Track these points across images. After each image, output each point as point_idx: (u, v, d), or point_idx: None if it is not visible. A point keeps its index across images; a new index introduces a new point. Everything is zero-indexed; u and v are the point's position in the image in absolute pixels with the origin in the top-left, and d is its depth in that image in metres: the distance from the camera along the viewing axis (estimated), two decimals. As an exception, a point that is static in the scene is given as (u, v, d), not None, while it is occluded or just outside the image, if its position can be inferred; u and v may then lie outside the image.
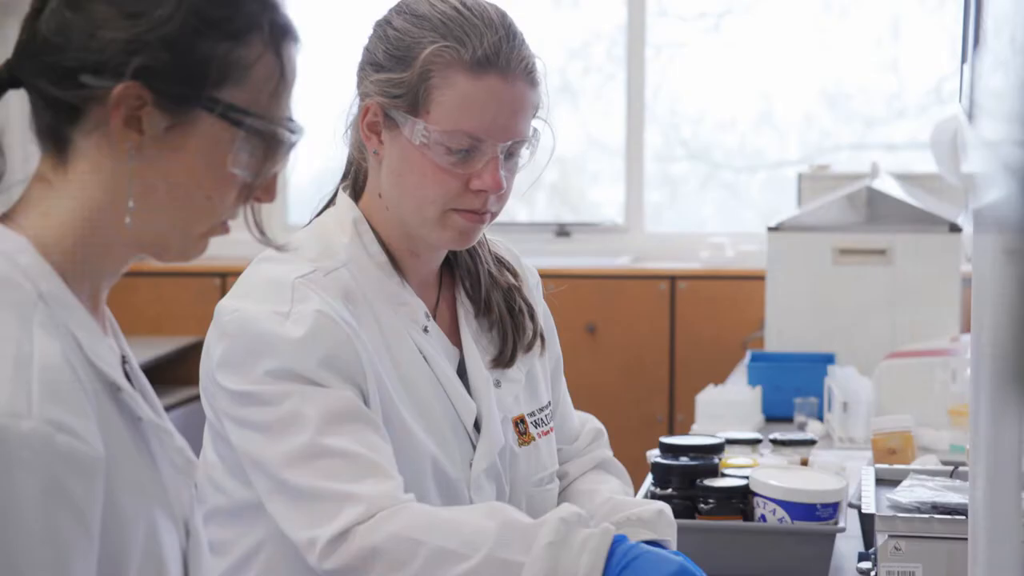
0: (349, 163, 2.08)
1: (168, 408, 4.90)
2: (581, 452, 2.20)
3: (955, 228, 4.07)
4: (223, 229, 1.41)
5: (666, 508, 2.02)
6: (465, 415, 2.01)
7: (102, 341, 1.38)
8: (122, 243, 1.38)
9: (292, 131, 1.40)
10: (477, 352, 2.05)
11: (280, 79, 1.39)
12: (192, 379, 5.22)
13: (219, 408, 1.93)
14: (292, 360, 1.88)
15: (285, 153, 1.40)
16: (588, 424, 2.26)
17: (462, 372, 2.04)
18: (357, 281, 1.97)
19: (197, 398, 5.58)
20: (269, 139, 1.38)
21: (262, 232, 1.43)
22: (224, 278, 5.26)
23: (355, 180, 2.06)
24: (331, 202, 2.09)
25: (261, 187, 1.41)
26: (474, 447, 2.00)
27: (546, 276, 2.28)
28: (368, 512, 1.83)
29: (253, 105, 1.37)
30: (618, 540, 1.81)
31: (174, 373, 5.22)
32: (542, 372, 2.15)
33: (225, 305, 1.95)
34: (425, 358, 2.00)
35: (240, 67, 1.36)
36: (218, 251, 1.43)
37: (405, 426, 1.94)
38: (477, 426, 2.03)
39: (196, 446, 4.81)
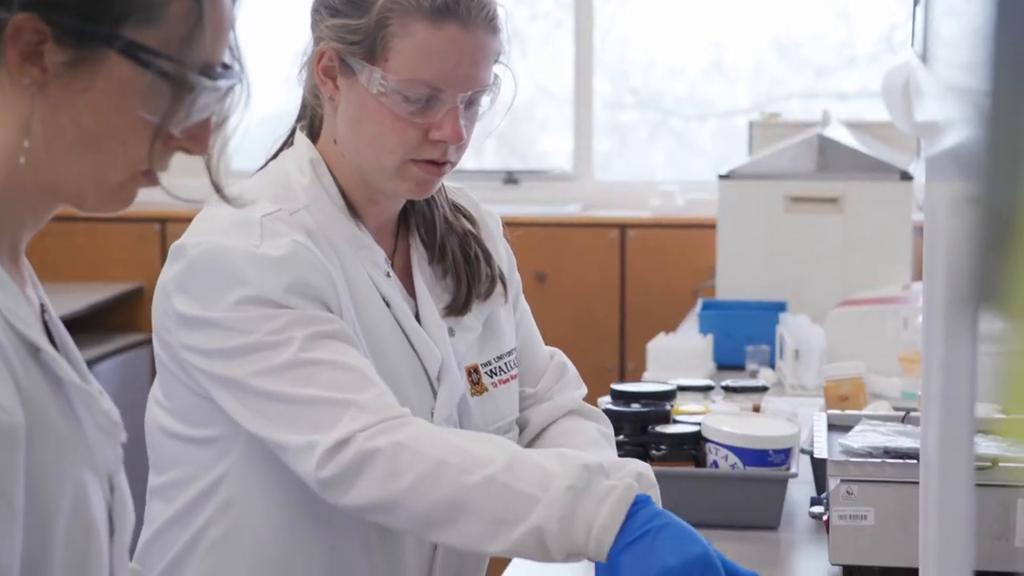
0: (304, 105, 2.03)
1: (108, 355, 4.88)
2: (544, 396, 2.14)
3: (906, 176, 4.06)
4: (149, 180, 1.35)
5: (647, 470, 1.97)
6: (429, 363, 1.97)
7: (21, 300, 1.33)
8: (37, 190, 1.32)
9: (212, 78, 1.32)
10: (431, 300, 2.01)
11: (197, 22, 1.32)
12: (132, 325, 5.18)
13: (182, 344, 1.87)
14: (267, 287, 1.83)
15: (208, 102, 1.33)
16: (554, 359, 2.21)
17: (416, 320, 2.00)
18: (318, 223, 1.93)
19: (137, 345, 5.51)
20: (180, 84, 1.31)
21: (218, 188, 1.37)
22: (164, 224, 5.19)
23: (311, 123, 2.01)
24: (287, 143, 2.04)
25: (187, 136, 1.34)
26: (435, 395, 1.97)
27: (494, 224, 2.24)
28: (372, 421, 1.77)
29: (165, 46, 1.30)
30: (642, 501, 1.74)
31: (113, 320, 5.16)
32: (506, 318, 2.11)
33: (187, 240, 1.89)
34: (387, 303, 1.96)
35: (149, 5, 1.29)
36: (158, 196, 1.37)
37: None
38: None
39: (138, 389, 4.76)
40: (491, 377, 2.05)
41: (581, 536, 1.71)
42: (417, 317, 2.00)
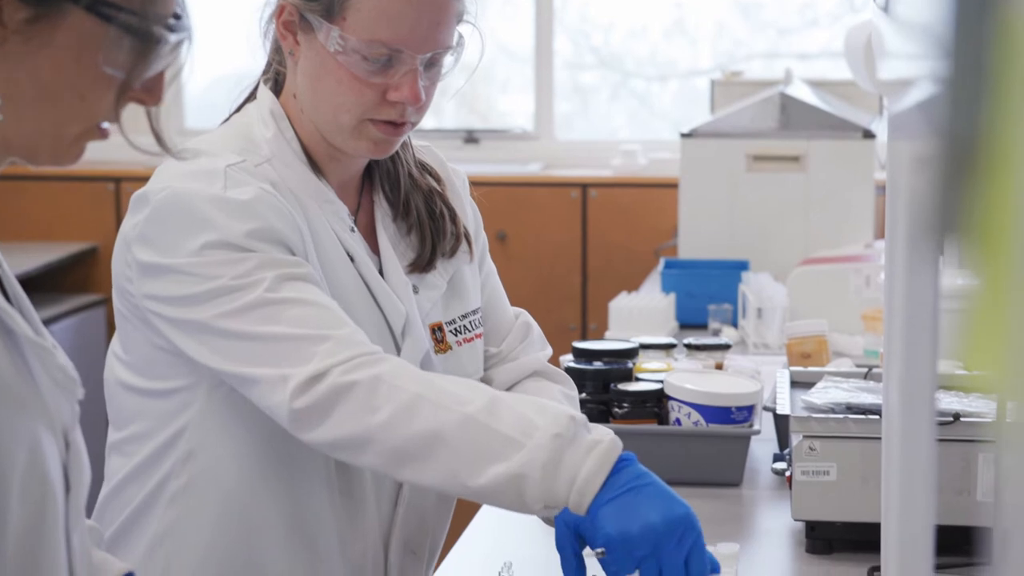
0: (268, 60, 2.01)
1: (62, 316, 4.84)
2: (509, 356, 2.13)
3: (868, 134, 4.05)
4: (100, 134, 1.33)
5: (616, 440, 1.95)
6: (394, 319, 1.95)
7: None
8: None
9: (173, 30, 1.31)
10: (395, 256, 1.99)
11: None
12: (86, 286, 5.14)
13: (144, 294, 1.84)
14: (233, 232, 1.81)
15: (165, 54, 1.31)
16: (519, 319, 2.19)
17: (380, 277, 1.98)
18: (282, 176, 1.90)
19: (91, 306, 5.48)
20: (144, 37, 1.29)
21: (159, 138, 1.35)
22: (119, 183, 5.13)
23: (275, 77, 1.99)
24: (251, 97, 2.01)
25: (144, 89, 1.32)
26: (398, 351, 1.95)
27: (456, 183, 2.22)
28: (349, 355, 1.75)
29: (127, 1, 1.29)
30: (627, 458, 1.73)
31: (67, 280, 5.12)
32: (471, 276, 2.09)
33: (150, 187, 1.86)
34: (351, 258, 1.94)
35: None
36: (112, 155, 1.35)
37: None
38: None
39: (93, 350, 4.73)
40: (455, 335, 2.04)
41: (563, 487, 1.69)
42: (381, 274, 1.98)
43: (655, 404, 2.60)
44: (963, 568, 2.11)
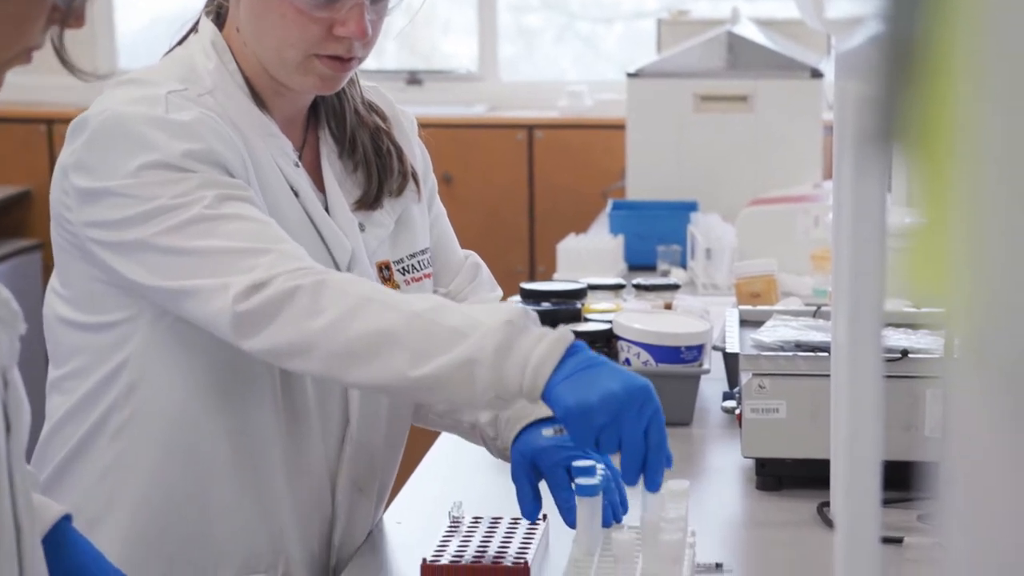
0: None
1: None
2: (458, 297, 2.11)
3: (816, 74, 4.05)
4: (26, 58, 1.31)
5: (568, 330, 1.93)
6: (339, 255, 1.93)
7: None
8: None
9: None
10: (341, 193, 1.97)
11: None
12: (20, 231, 5.08)
13: (83, 221, 1.82)
14: (172, 152, 1.79)
15: None
16: (468, 260, 2.18)
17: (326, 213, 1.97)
18: (224, 108, 1.88)
19: (26, 251, 5.41)
20: None
21: (64, 60, 1.33)
22: (51, 124, 5.04)
23: (218, 9, 1.95)
24: (193, 29, 1.98)
25: (71, 12, 1.29)
26: None
27: (400, 126, 2.19)
28: (294, 266, 1.73)
29: None
30: (579, 346, 1.72)
31: (0, 225, 5.06)
32: (420, 217, 2.07)
33: (89, 112, 1.84)
34: (296, 193, 1.92)
35: None
36: (45, 96, 1.32)
37: None
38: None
39: (28, 295, 4.68)
40: (403, 275, 2.02)
41: (515, 371, 1.67)
42: (327, 211, 1.96)
43: (604, 344, 2.59)
44: (910, 503, 2.12)
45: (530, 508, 1.87)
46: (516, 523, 2.01)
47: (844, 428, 1.30)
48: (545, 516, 2.03)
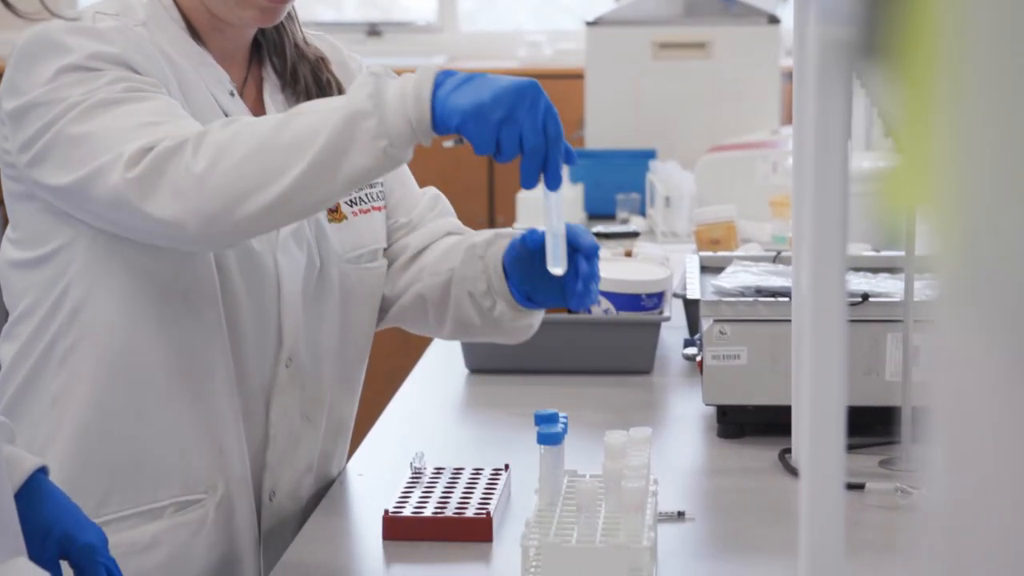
0: None
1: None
2: (420, 224, 2.09)
3: (774, 20, 4.04)
4: None
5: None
6: None
7: None
8: None
9: None
10: (275, 111, 1.96)
11: None
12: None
13: (17, 145, 1.81)
14: (88, 55, 1.79)
15: None
16: (428, 192, 2.16)
17: None
18: (157, 40, 1.87)
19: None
20: None
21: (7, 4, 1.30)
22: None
23: None
24: None
25: None
26: None
27: (359, 77, 2.17)
28: (182, 131, 1.73)
29: None
30: (449, 71, 1.72)
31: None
32: None
33: (22, 36, 1.84)
34: (223, 112, 1.90)
35: None
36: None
37: None
38: None
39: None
40: (351, 206, 2.00)
41: (397, 106, 1.67)
42: None
43: (565, 293, 2.58)
44: (872, 447, 2.12)
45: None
46: (478, 474, 2.01)
47: (808, 374, 1.30)
48: (507, 466, 2.03)
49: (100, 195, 1.75)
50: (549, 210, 1.79)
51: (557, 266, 1.79)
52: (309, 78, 1.98)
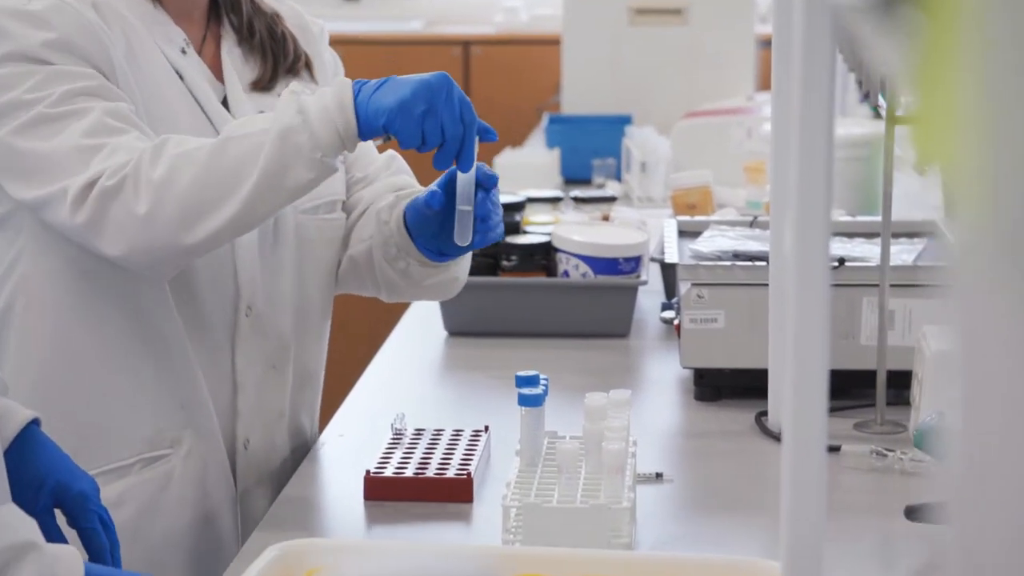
0: None
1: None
2: (376, 178, 2.10)
3: (750, -13, 4.04)
4: None
5: None
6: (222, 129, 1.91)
7: None
8: None
9: None
10: (238, 80, 1.97)
11: None
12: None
13: None
14: (27, 42, 1.80)
15: None
16: (387, 152, 2.17)
17: (226, 106, 1.95)
18: (108, 1, 1.87)
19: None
20: None
21: None
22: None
23: None
24: None
25: None
26: None
27: (335, 43, 2.18)
28: (123, 160, 1.77)
29: None
30: (362, 80, 1.80)
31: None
32: None
33: None
34: (182, 78, 1.91)
35: None
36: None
37: None
38: None
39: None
40: None
41: (322, 116, 1.76)
42: (227, 104, 1.95)
43: (543, 256, 2.60)
44: (847, 411, 2.14)
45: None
46: (458, 435, 2.02)
47: (791, 339, 1.31)
48: (486, 428, 2.04)
49: (52, 222, 1.81)
50: (460, 189, 1.87)
51: (463, 241, 1.89)
52: (264, 33, 2.00)
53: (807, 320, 1.31)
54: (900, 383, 2.12)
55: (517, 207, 2.76)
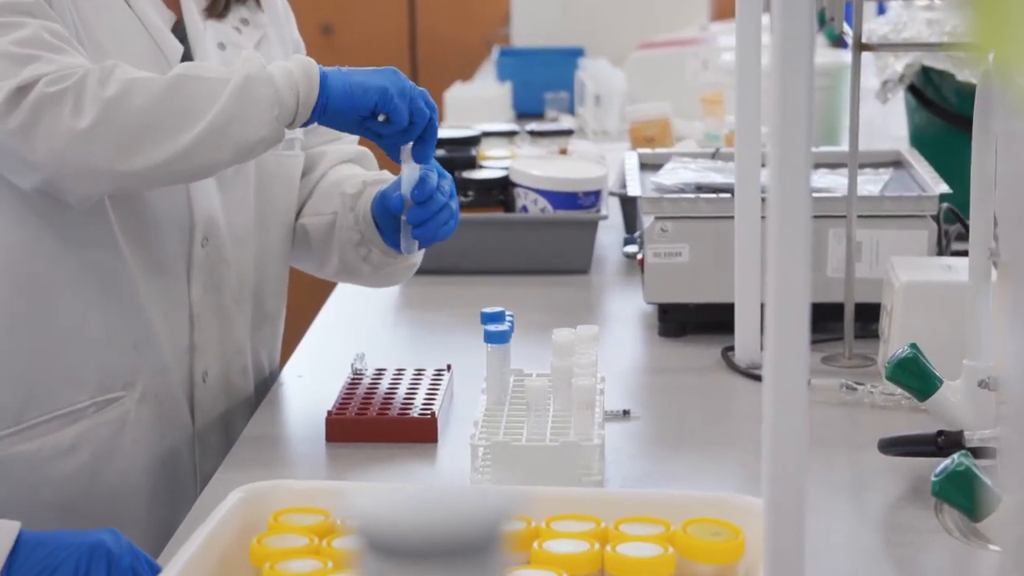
0: None
1: None
2: (337, 136, 2.06)
3: (702, -85, 3.99)
4: None
5: None
6: (170, 55, 1.86)
7: None
8: None
9: None
10: (195, 8, 1.91)
11: None
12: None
13: None
14: None
15: None
16: None
17: (183, 37, 1.89)
18: None
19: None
20: None
21: None
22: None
23: None
24: None
25: None
26: None
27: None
28: (59, 68, 1.71)
29: None
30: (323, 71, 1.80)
31: None
32: (280, 47, 2.01)
33: None
34: (128, 5, 1.85)
35: None
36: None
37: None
38: None
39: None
40: None
41: (284, 79, 1.75)
42: (185, 30, 1.89)
43: (501, 192, 2.55)
44: (814, 344, 2.11)
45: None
46: (420, 374, 1.98)
47: (774, 274, 1.28)
48: (449, 367, 2.00)
49: None
50: (405, 187, 1.86)
51: (408, 252, 1.91)
52: None
53: (788, 255, 1.27)
54: (868, 316, 2.10)
55: (472, 141, 2.71)
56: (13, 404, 1.83)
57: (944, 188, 2.21)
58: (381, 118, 1.79)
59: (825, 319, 2.13)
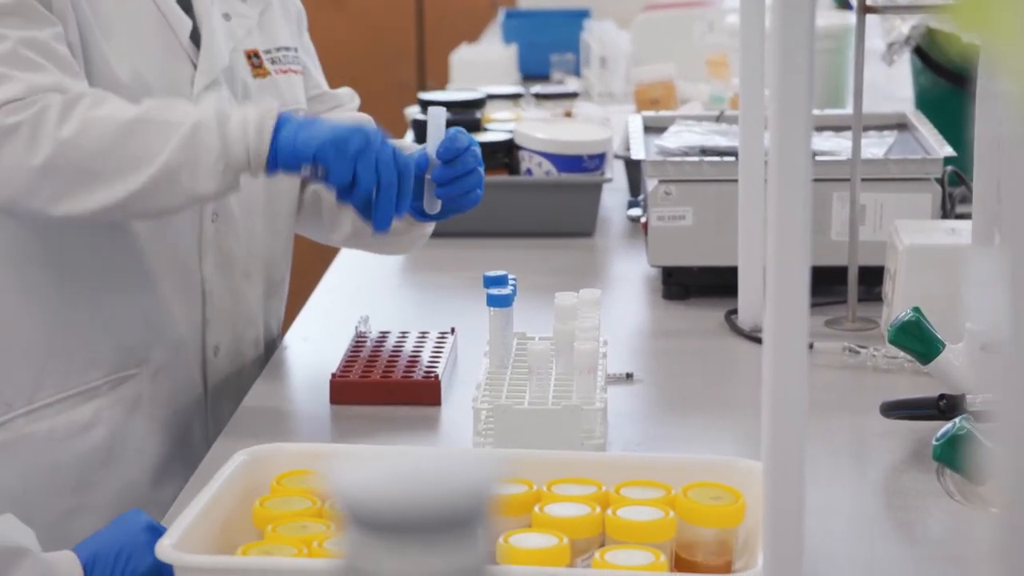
0: None
1: None
2: (341, 102, 2.07)
3: None
4: None
5: None
6: (179, 29, 1.85)
7: None
8: None
9: None
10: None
11: None
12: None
13: None
14: None
15: None
16: (343, 89, 2.12)
17: (188, 9, 1.88)
18: None
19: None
20: None
21: None
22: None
23: None
24: None
25: None
26: (194, 66, 1.86)
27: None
28: (27, 93, 1.70)
29: None
30: (287, 113, 1.77)
31: None
32: (283, 18, 2.01)
33: None
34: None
35: None
36: None
37: (101, 52, 1.78)
38: (197, 44, 1.88)
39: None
40: (273, 64, 1.98)
41: (238, 132, 1.71)
42: (189, 5, 1.88)
43: (505, 155, 2.55)
44: (818, 307, 2.11)
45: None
46: (424, 337, 1.98)
47: (774, 237, 1.28)
48: (452, 330, 2.01)
49: None
50: (430, 148, 1.83)
51: (430, 211, 1.85)
52: None
53: (788, 218, 1.27)
54: (871, 279, 2.10)
55: (477, 104, 2.71)
56: (28, 383, 1.83)
57: (948, 151, 2.20)
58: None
59: (829, 282, 2.13)
